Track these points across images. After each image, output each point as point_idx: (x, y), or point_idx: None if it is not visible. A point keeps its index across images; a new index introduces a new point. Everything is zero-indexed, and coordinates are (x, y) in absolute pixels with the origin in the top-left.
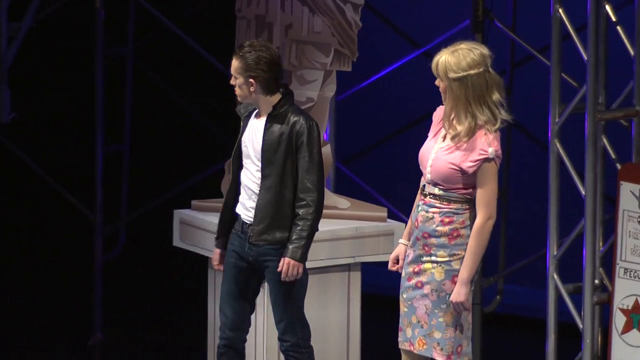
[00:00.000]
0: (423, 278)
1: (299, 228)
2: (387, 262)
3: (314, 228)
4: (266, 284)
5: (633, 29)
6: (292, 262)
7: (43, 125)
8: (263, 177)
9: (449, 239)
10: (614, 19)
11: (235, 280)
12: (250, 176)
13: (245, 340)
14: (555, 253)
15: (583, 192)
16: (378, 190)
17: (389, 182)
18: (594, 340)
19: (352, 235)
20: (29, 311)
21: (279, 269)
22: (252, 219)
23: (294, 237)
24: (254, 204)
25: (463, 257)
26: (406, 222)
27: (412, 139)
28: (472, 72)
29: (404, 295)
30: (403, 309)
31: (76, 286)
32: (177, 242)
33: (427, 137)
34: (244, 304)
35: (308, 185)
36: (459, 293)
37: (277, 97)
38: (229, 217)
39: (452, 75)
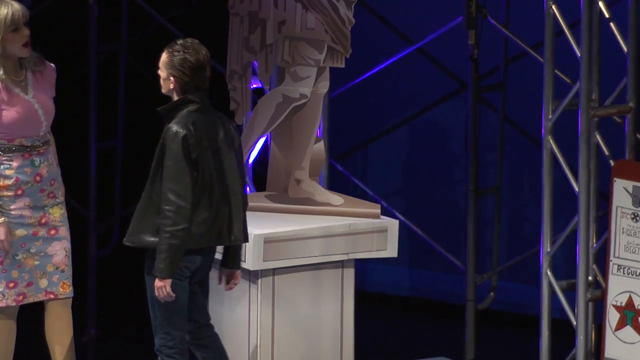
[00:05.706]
0: None
1: (159, 242)
2: (381, 258)
3: (172, 242)
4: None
5: (626, 25)
6: (156, 280)
7: None
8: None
9: None
10: (607, 15)
11: None
12: None
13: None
14: (548, 250)
15: (577, 189)
16: (371, 187)
17: (383, 178)
18: (588, 336)
19: (346, 231)
20: (21, 307)
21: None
22: None
23: (157, 252)
24: None
25: None
26: (399, 219)
27: (406, 135)
28: None
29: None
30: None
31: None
32: None
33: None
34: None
35: (167, 195)
36: None
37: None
38: None
39: None
